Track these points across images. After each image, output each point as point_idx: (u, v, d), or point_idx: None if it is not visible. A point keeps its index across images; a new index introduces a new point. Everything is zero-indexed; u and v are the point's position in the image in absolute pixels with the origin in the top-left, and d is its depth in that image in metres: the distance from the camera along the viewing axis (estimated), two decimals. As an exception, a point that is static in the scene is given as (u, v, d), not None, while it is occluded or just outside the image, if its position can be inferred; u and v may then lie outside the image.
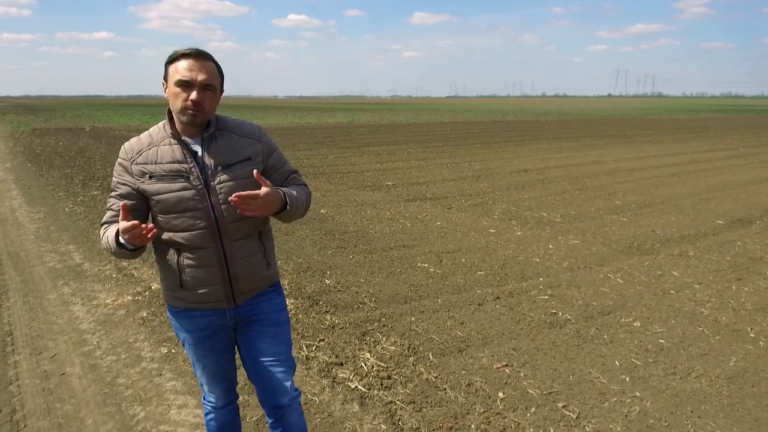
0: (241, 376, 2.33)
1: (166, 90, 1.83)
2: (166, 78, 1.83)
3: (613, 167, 13.40)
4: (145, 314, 4.17)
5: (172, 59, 1.81)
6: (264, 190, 1.75)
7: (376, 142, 19.41)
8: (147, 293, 4.59)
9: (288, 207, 1.85)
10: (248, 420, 2.79)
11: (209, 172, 1.83)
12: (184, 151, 1.83)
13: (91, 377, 3.23)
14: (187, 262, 1.85)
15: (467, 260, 5.74)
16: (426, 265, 5.56)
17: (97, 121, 30.14)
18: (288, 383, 2.01)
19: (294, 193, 1.91)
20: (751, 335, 4.02)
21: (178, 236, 1.83)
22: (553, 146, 18.66)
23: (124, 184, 1.85)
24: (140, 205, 1.86)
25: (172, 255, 1.86)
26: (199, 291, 1.88)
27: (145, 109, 51.00)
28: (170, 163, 1.81)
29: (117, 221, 1.81)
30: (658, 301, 4.65)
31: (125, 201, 1.77)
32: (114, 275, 5.07)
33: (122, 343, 3.69)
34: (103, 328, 3.93)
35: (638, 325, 4.14)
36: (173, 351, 3.57)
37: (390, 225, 7.29)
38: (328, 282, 4.93)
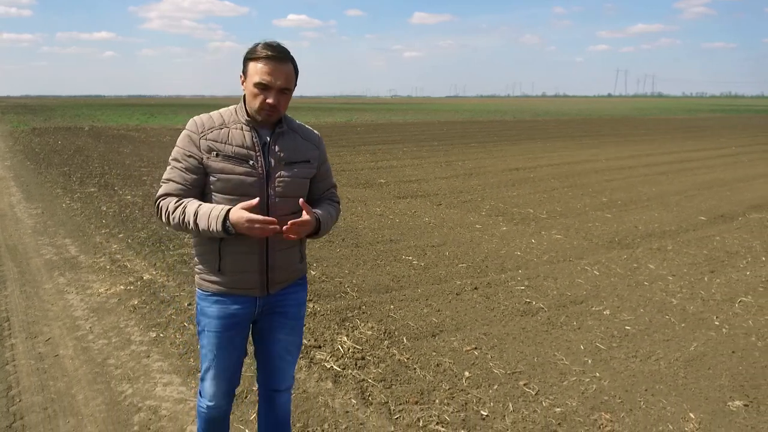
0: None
1: (244, 84, 1.89)
2: (244, 72, 1.88)
3: (604, 165, 13.59)
4: (136, 302, 4.36)
5: (253, 57, 1.84)
6: (306, 216, 1.86)
7: (373, 141, 19.59)
8: (139, 283, 4.79)
9: (318, 233, 1.96)
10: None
11: (273, 163, 1.90)
12: (255, 140, 1.90)
13: (83, 358, 3.43)
14: (229, 247, 1.90)
15: (450, 253, 5.93)
16: (410, 258, 5.75)
17: (96, 121, 30.32)
18: (290, 372, 2.17)
19: (327, 217, 2.02)
20: (716, 323, 4.21)
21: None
22: (548, 145, 18.85)
23: (190, 156, 1.89)
24: (201, 181, 1.91)
25: (215, 237, 1.89)
26: (236, 276, 1.94)
27: (145, 108, 51.19)
28: (239, 146, 1.87)
29: (186, 196, 1.90)
30: (630, 292, 4.84)
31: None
32: (108, 266, 5.27)
33: (113, 328, 3.88)
34: (95, 314, 4.13)
35: (608, 313, 4.33)
36: (161, 335, 3.77)
37: (379, 221, 7.47)
38: (313, 273, 5.12)
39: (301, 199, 1.88)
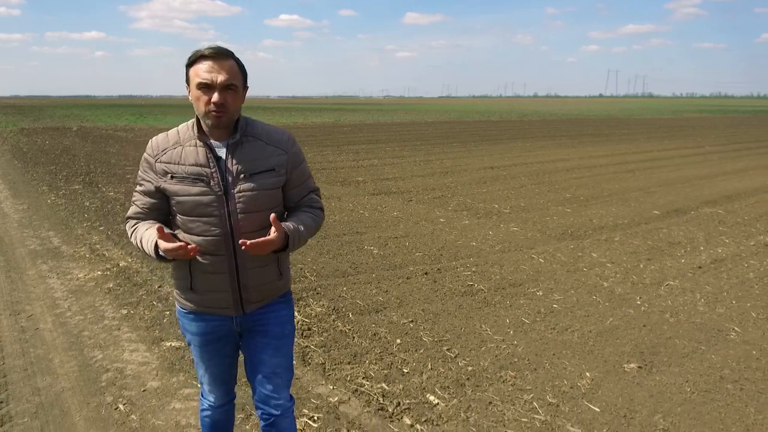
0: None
1: (190, 93, 1.80)
2: (187, 81, 1.79)
3: (576, 164, 14.07)
4: (111, 285, 4.79)
5: (191, 61, 1.77)
6: (273, 234, 1.76)
7: (357, 141, 20.01)
8: (115, 269, 5.21)
9: (288, 248, 1.85)
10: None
11: (230, 179, 1.79)
12: (209, 155, 1.79)
13: (60, 331, 3.86)
14: (198, 266, 1.84)
15: (410, 244, 6.37)
16: (372, 248, 6.19)
17: (85, 121, 30.57)
18: (283, 394, 2.03)
19: (301, 229, 1.88)
20: (638, 302, 4.67)
21: (193, 240, 1.81)
22: (527, 145, 19.34)
23: (147, 181, 1.85)
24: (162, 204, 1.86)
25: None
26: (208, 296, 1.88)
27: (134, 109, 51.38)
28: (193, 165, 1.78)
29: (144, 219, 1.88)
30: (567, 276, 5.30)
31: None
32: (87, 255, 5.68)
33: (89, 307, 4.31)
34: (74, 296, 4.55)
35: (540, 294, 4.79)
36: (132, 312, 4.21)
37: (349, 215, 7.91)
38: (278, 261, 5.55)
39: (272, 215, 1.77)
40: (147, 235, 1.79)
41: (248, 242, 1.71)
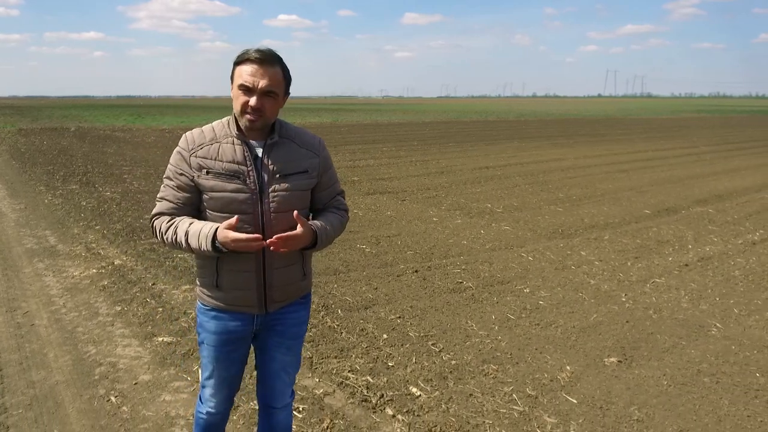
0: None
1: (232, 90, 1.85)
2: (232, 77, 1.84)
3: (571, 164, 14.18)
4: (105, 283, 4.88)
5: (239, 60, 1.81)
6: (300, 229, 1.80)
7: (354, 141, 20.10)
8: (110, 267, 5.30)
9: (316, 245, 1.90)
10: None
11: (266, 178, 1.84)
12: (246, 154, 1.84)
13: (55, 327, 3.94)
14: (226, 263, 1.87)
15: (402, 242, 6.47)
16: (364, 246, 6.28)
17: (83, 122, 30.57)
18: (287, 391, 2.14)
19: (328, 228, 1.94)
20: (623, 299, 4.77)
21: None
22: (523, 145, 19.45)
23: (181, 174, 1.86)
24: (195, 199, 1.88)
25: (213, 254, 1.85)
26: (233, 293, 1.91)
27: (132, 109, 51.36)
28: (230, 162, 1.82)
29: (178, 215, 1.89)
30: (555, 274, 5.39)
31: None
32: (83, 254, 5.77)
33: (84, 304, 4.40)
34: (69, 293, 4.64)
35: (527, 291, 4.88)
36: (125, 309, 4.30)
37: (343, 214, 7.99)
38: (271, 259, 5.64)
39: (295, 212, 1.81)
40: (195, 228, 1.81)
41: (275, 237, 1.76)
